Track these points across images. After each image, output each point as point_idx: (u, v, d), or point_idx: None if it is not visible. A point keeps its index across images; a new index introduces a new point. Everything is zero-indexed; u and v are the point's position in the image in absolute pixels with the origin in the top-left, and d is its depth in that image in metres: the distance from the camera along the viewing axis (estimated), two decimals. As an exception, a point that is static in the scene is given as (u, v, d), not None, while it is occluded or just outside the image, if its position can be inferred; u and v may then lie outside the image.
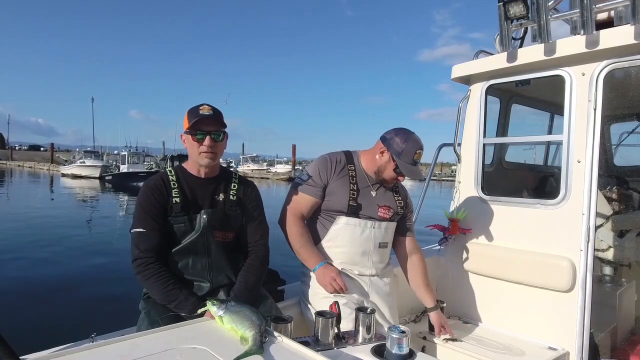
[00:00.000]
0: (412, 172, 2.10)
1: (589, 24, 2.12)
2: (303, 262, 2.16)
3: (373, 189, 2.21)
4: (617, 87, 2.54)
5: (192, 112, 1.82)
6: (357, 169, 2.21)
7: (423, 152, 2.12)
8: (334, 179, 2.15)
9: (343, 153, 2.25)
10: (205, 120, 1.79)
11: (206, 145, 1.81)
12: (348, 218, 2.14)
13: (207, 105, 1.85)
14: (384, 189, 2.25)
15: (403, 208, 2.29)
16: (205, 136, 1.80)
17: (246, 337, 1.28)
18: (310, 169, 2.21)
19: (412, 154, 2.08)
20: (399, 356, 1.53)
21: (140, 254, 1.74)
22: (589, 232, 2.25)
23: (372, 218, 2.18)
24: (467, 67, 2.78)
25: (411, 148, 2.08)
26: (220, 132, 1.85)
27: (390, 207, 2.22)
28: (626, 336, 2.97)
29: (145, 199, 1.79)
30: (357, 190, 2.16)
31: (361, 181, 2.19)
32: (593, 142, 2.25)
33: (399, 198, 2.29)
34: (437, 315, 2.34)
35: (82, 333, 1.67)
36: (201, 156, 1.83)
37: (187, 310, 1.70)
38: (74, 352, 1.20)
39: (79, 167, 44.49)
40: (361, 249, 2.17)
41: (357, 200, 2.15)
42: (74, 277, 8.01)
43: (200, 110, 1.81)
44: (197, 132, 1.80)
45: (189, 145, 1.85)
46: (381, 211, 2.19)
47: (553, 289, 2.35)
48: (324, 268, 2.08)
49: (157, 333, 1.37)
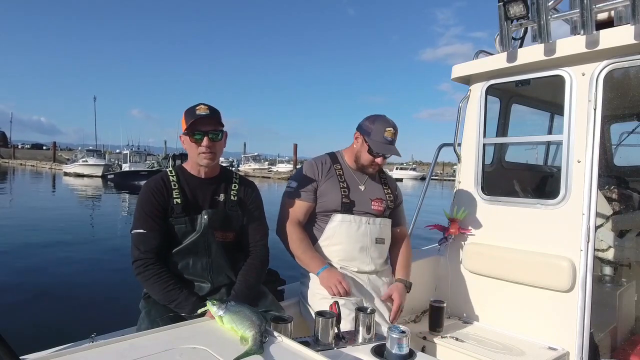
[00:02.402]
0: (385, 148, 2.15)
1: (589, 24, 2.12)
2: (305, 267, 2.17)
3: (361, 184, 2.25)
4: (617, 87, 2.54)
5: (188, 113, 1.81)
6: (344, 167, 2.27)
7: (396, 131, 2.17)
8: (323, 181, 2.20)
9: (327, 155, 2.32)
10: (202, 120, 1.78)
11: (204, 145, 1.80)
12: (343, 215, 2.17)
13: (204, 104, 1.83)
14: (372, 182, 2.29)
15: (393, 200, 2.33)
16: (203, 137, 1.80)
17: (246, 337, 1.28)
18: (298, 175, 2.27)
19: (382, 131, 2.14)
20: (399, 356, 1.52)
21: (140, 254, 1.74)
22: (589, 232, 2.25)
23: (366, 213, 2.21)
24: (467, 67, 2.79)
25: (379, 127, 2.15)
26: (219, 132, 1.84)
27: (382, 200, 2.27)
28: (626, 336, 2.97)
29: (145, 199, 1.79)
30: (347, 187, 2.21)
31: (349, 178, 2.25)
32: (593, 142, 2.25)
33: (388, 190, 2.33)
34: (395, 288, 2.21)
35: (82, 333, 1.67)
36: (200, 157, 1.83)
37: (188, 310, 1.70)
38: (74, 352, 1.20)
39: (81, 166, 44.67)
40: (359, 245, 2.18)
41: (350, 197, 2.19)
42: (74, 277, 8.01)
43: (197, 110, 1.80)
44: (194, 132, 1.80)
45: (188, 146, 1.85)
46: (374, 204, 2.23)
47: (553, 289, 2.35)
48: (327, 271, 2.08)
49: (157, 333, 1.37)
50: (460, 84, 2.93)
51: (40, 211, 16.95)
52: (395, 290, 2.19)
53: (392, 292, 2.19)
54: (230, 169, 2.19)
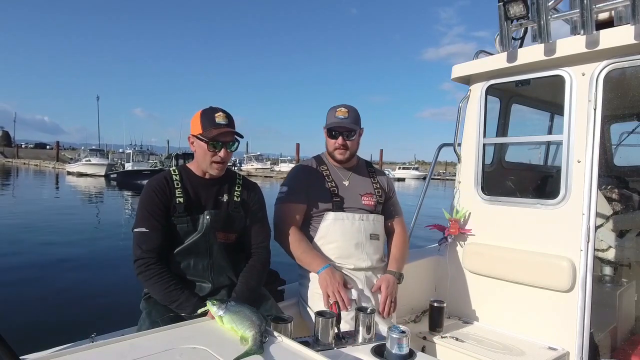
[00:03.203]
0: (335, 124, 2.20)
1: (589, 24, 2.12)
2: (306, 266, 2.15)
3: (345, 179, 2.29)
4: (617, 87, 2.54)
5: (207, 118, 1.79)
6: (329, 167, 2.31)
7: (349, 110, 2.21)
8: (312, 183, 2.23)
9: (313, 158, 2.37)
10: (223, 130, 1.77)
11: (221, 156, 1.80)
12: (336, 213, 2.19)
13: (222, 111, 1.81)
14: (358, 176, 2.32)
15: (382, 191, 2.34)
16: (222, 148, 1.79)
17: (246, 337, 1.28)
18: (287, 180, 2.31)
19: (334, 113, 2.22)
20: (399, 356, 1.52)
21: (142, 254, 1.74)
22: (589, 232, 2.25)
23: (359, 210, 2.22)
24: (467, 67, 2.78)
25: (332, 111, 2.24)
26: (235, 142, 1.84)
27: (372, 194, 2.29)
28: (626, 336, 2.97)
29: (148, 198, 1.78)
30: (335, 186, 2.24)
31: (336, 177, 2.28)
32: (593, 142, 2.25)
33: (376, 183, 2.36)
34: (384, 279, 2.18)
35: (82, 333, 1.67)
36: (212, 166, 1.82)
37: (188, 310, 1.69)
38: (74, 352, 1.20)
39: (84, 165, 45.00)
40: (354, 241, 2.18)
41: (339, 194, 2.22)
42: (74, 277, 8.01)
43: (215, 117, 1.78)
44: (213, 142, 1.78)
45: (201, 151, 1.82)
46: (365, 199, 2.26)
47: (553, 289, 2.35)
48: (328, 273, 2.04)
49: (157, 333, 1.37)
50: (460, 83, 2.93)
51: (42, 210, 16.94)
52: (384, 281, 2.17)
53: (380, 284, 2.17)
54: (233, 168, 2.18)
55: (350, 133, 2.21)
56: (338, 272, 2.09)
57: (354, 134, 2.23)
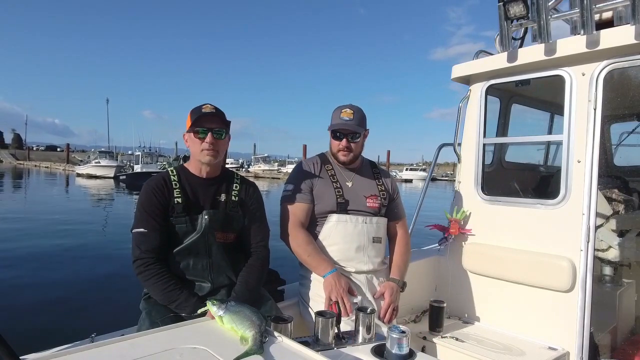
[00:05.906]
0: (340, 125, 2.19)
1: (589, 24, 2.12)
2: (312, 269, 2.13)
3: (348, 180, 2.27)
4: (617, 87, 2.54)
5: (194, 111, 1.83)
6: (334, 167, 2.28)
7: (354, 110, 2.20)
8: (317, 181, 2.21)
9: (317, 156, 2.35)
10: (208, 117, 1.80)
11: (208, 142, 1.80)
12: (339, 215, 2.17)
13: (210, 104, 1.85)
14: (362, 177, 2.30)
15: (387, 193, 2.32)
16: (207, 133, 1.80)
17: (246, 337, 1.28)
18: (292, 178, 2.26)
19: (339, 114, 2.20)
20: (399, 356, 1.52)
21: (141, 254, 1.74)
22: (589, 232, 2.25)
23: (363, 212, 2.20)
24: (467, 67, 2.78)
25: (337, 112, 2.22)
26: (223, 130, 1.85)
27: (376, 196, 2.27)
28: (626, 336, 2.97)
29: (146, 199, 1.79)
30: (340, 187, 2.22)
31: (340, 177, 2.26)
32: (593, 142, 2.24)
33: (381, 185, 2.33)
34: (387, 286, 2.16)
35: (82, 333, 1.67)
36: (203, 153, 1.82)
37: (188, 310, 1.69)
38: (74, 352, 1.20)
39: (94, 167, 45.46)
40: (355, 244, 2.17)
41: (344, 196, 2.20)
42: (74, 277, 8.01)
43: (202, 108, 1.81)
44: (199, 128, 1.80)
45: (191, 143, 1.85)
46: (369, 201, 2.24)
47: (553, 289, 2.35)
48: (335, 277, 2.01)
49: (157, 333, 1.37)
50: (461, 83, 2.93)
51: (50, 212, 16.88)
52: (387, 289, 2.17)
53: (384, 290, 2.17)
54: (240, 169, 2.18)
55: (354, 135, 2.20)
56: (344, 278, 2.06)
57: (359, 136, 2.22)
